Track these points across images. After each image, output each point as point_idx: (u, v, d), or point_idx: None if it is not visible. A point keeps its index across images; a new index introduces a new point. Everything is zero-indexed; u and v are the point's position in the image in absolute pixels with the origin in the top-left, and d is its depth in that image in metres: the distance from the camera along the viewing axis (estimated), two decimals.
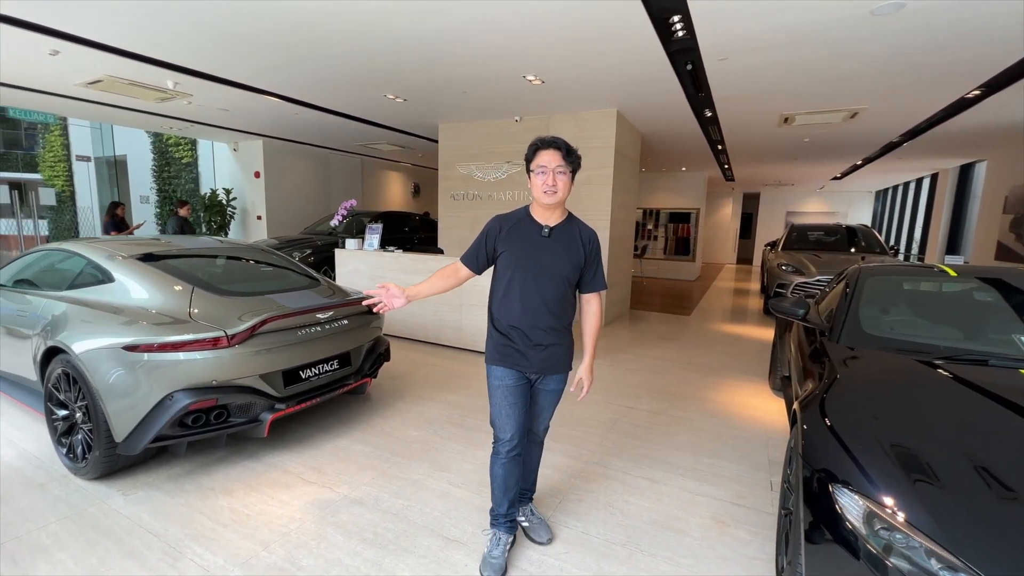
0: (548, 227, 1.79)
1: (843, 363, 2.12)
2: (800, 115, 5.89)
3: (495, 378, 1.85)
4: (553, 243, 1.78)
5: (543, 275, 1.76)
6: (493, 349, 1.86)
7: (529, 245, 1.77)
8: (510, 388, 1.83)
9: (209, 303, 2.62)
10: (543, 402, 1.94)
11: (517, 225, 1.81)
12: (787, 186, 15.15)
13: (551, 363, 1.84)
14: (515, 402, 1.84)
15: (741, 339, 5.90)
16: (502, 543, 1.91)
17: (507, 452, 1.86)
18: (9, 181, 15.58)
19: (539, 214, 1.82)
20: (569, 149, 1.76)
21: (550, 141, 1.75)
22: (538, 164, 1.74)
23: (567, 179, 1.75)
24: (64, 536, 2.02)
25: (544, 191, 1.72)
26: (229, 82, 5.28)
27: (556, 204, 1.76)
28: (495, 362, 1.85)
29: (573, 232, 1.83)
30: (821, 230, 8.60)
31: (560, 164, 1.72)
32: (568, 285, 1.82)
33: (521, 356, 1.81)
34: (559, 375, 1.91)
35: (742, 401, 3.78)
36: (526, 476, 2.08)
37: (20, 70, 5.02)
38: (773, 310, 2.86)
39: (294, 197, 10.08)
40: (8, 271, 3.36)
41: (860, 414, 1.71)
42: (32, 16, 3.67)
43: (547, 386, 1.90)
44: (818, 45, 3.73)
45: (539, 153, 1.75)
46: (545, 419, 2.00)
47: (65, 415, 2.49)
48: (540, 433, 2.04)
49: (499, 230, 1.81)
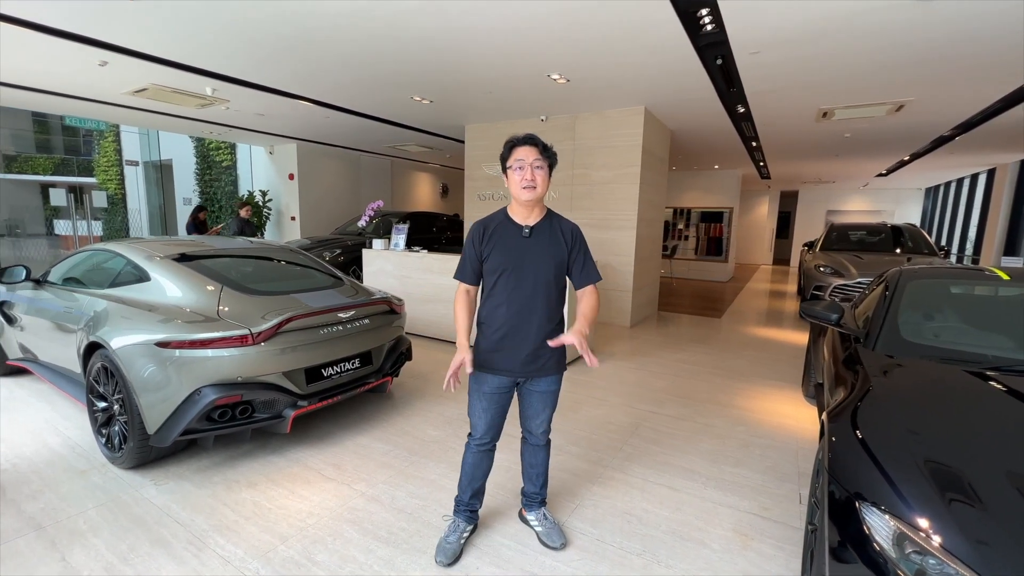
0: (528, 227, 1.77)
1: (878, 372, 1.99)
2: (840, 109, 5.61)
3: (474, 382, 1.86)
4: (535, 242, 1.77)
5: (528, 276, 1.75)
6: (479, 355, 1.83)
7: (511, 247, 1.75)
8: (486, 394, 1.84)
9: (237, 302, 2.70)
10: (536, 404, 1.91)
11: (498, 228, 1.79)
12: (827, 184, 14.49)
13: (541, 365, 1.82)
14: (488, 407, 1.85)
15: (774, 343, 5.67)
16: (459, 530, 1.98)
17: (478, 446, 1.92)
18: (68, 185, 16.68)
19: (518, 213, 1.79)
20: (545, 146, 1.74)
21: (525, 138, 1.73)
22: (515, 159, 1.71)
23: (545, 174, 1.73)
24: (99, 522, 2.12)
25: (523, 186, 1.70)
26: (262, 87, 5.47)
27: (535, 200, 1.74)
28: (479, 368, 1.83)
29: (553, 229, 1.81)
30: (863, 229, 8.18)
31: (537, 158, 1.70)
32: (555, 284, 1.80)
33: (509, 361, 1.79)
34: (550, 376, 1.88)
35: (772, 408, 3.63)
36: (534, 479, 2.06)
37: (73, 80, 5.35)
38: (804, 314, 2.72)
39: (326, 198, 10.35)
40: (59, 270, 3.57)
41: (895, 427, 1.60)
42: (83, 30, 3.90)
43: (537, 387, 1.87)
44: (858, 35, 3.54)
45: (515, 149, 1.73)
46: (541, 420, 1.95)
47: (104, 407, 2.63)
48: (539, 435, 1.99)
49: (482, 235, 1.79)
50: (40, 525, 2.09)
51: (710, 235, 11.97)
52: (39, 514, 2.17)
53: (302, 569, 1.87)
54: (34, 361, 3.48)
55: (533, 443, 2.01)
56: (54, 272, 3.56)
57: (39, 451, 2.73)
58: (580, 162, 6.37)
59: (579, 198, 6.46)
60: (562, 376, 1.93)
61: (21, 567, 1.85)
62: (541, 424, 1.95)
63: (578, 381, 4.05)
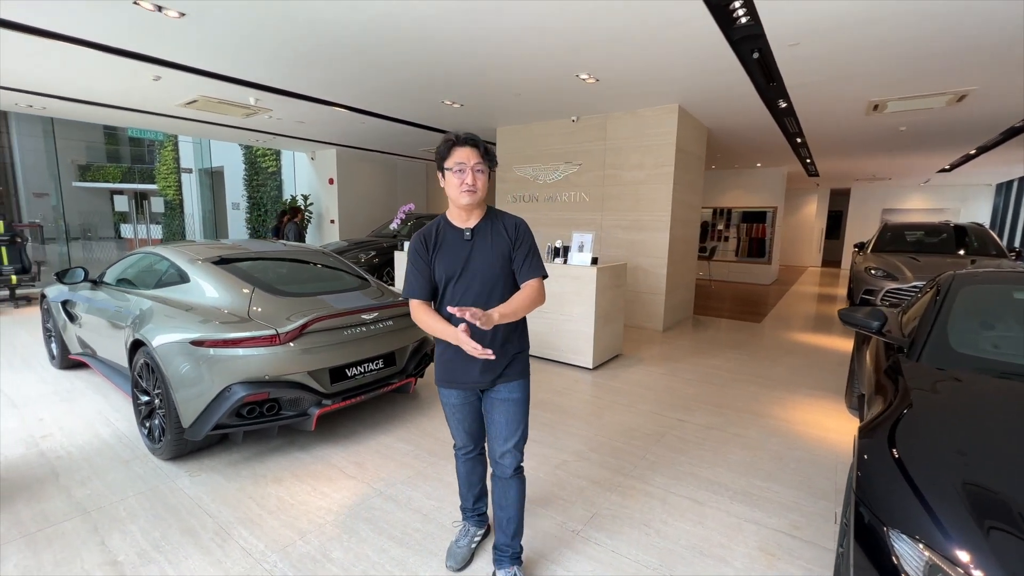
0: (468, 228, 1.69)
1: (922, 385, 1.84)
2: (892, 101, 5.25)
3: (441, 395, 1.82)
4: (478, 243, 1.68)
5: (475, 279, 1.66)
6: (439, 367, 1.78)
7: (454, 253, 1.67)
8: (455, 407, 1.80)
9: (266, 303, 2.81)
10: (498, 417, 1.73)
11: (439, 235, 1.70)
12: (883, 181, 13.60)
13: (500, 370, 1.71)
14: (462, 418, 1.82)
15: (818, 350, 5.36)
16: (469, 534, 1.99)
17: (463, 455, 1.92)
18: (133, 191, 17.98)
19: (457, 217, 1.71)
20: (487, 147, 1.65)
21: (466, 138, 1.62)
22: (455, 161, 1.60)
23: (485, 178, 1.65)
24: (137, 510, 2.26)
25: (463, 190, 1.60)
26: (300, 96, 5.69)
27: (475, 204, 1.65)
28: (439, 382, 1.79)
29: (496, 226, 1.71)
30: (921, 229, 7.61)
31: (478, 162, 1.60)
32: (505, 281, 1.69)
33: (465, 372, 1.70)
34: (511, 383, 1.73)
35: (810, 419, 3.43)
36: (504, 525, 1.80)
37: (130, 94, 5.75)
38: (843, 320, 2.55)
39: (364, 201, 10.66)
40: (113, 271, 3.83)
41: (939, 447, 1.47)
42: (138, 47, 4.18)
43: (498, 394, 1.73)
44: (910, 20, 3.30)
45: (455, 150, 1.61)
46: (505, 441, 1.73)
47: (146, 400, 2.80)
48: (504, 461, 1.75)
49: (425, 246, 1.69)
50: (86, 510, 2.24)
51: (752, 236, 11.48)
52: (86, 499, 2.33)
53: (317, 565, 1.92)
54: (92, 356, 3.75)
55: (499, 474, 1.77)
56: (109, 273, 3.83)
57: (91, 440, 2.93)
58: (611, 162, 6.26)
59: (610, 199, 6.34)
60: (527, 383, 1.78)
61: (66, 548, 1.99)
62: (506, 443, 1.73)
63: (603, 386, 3.97)
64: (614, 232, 6.35)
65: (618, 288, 4.77)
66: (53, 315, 4.17)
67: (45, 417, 3.24)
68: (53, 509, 2.25)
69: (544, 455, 2.83)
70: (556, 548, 2.05)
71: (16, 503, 2.28)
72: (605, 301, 4.50)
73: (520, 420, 1.75)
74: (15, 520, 2.16)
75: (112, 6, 3.36)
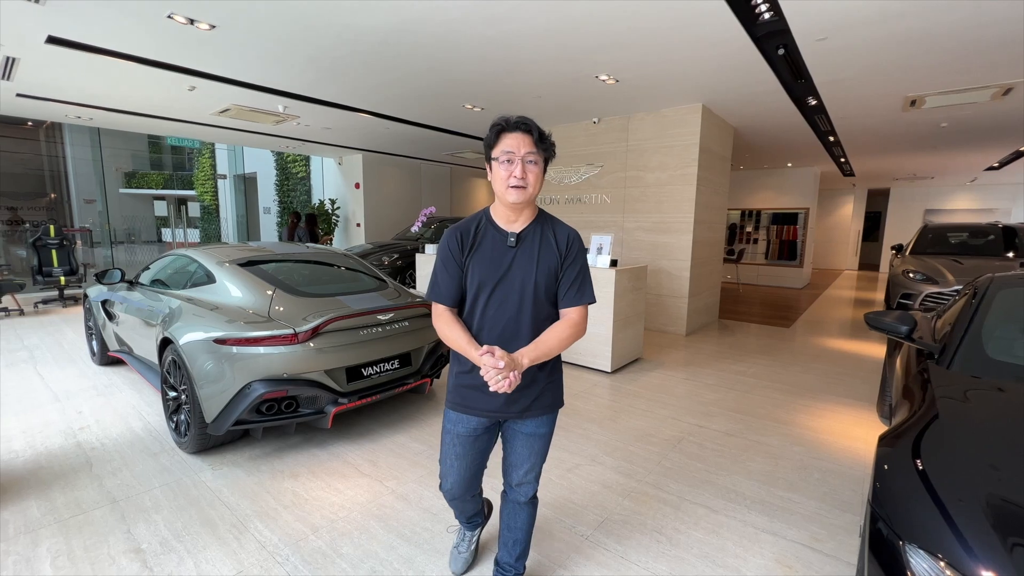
0: (514, 233, 1.44)
1: (952, 394, 1.74)
2: (931, 96, 5.01)
3: (448, 421, 1.56)
4: (522, 252, 1.43)
5: (513, 293, 1.42)
6: (453, 389, 1.53)
7: (493, 258, 1.43)
8: (461, 437, 1.53)
9: (287, 303, 2.90)
10: (521, 450, 1.55)
11: (478, 235, 1.45)
12: (924, 180, 12.96)
13: (528, 403, 1.48)
14: (463, 453, 1.55)
15: (850, 357, 5.14)
16: (467, 538, 1.91)
17: (450, 499, 1.68)
18: (173, 197, 18.84)
19: (503, 217, 1.45)
20: (542, 134, 1.39)
21: (517, 122, 1.37)
22: (503, 150, 1.36)
23: (539, 171, 1.39)
24: (162, 500, 2.35)
25: (511, 184, 1.35)
26: (326, 103, 5.84)
27: (525, 202, 1.40)
28: (452, 406, 1.53)
29: (546, 234, 1.46)
30: (965, 231, 7.20)
31: (531, 151, 1.36)
32: (547, 301, 1.46)
33: (485, 398, 1.46)
34: (543, 416, 1.53)
35: (838, 429, 3.28)
36: (510, 546, 1.69)
37: (169, 104, 6.03)
38: (869, 323, 2.44)
39: (389, 205, 10.85)
40: (148, 272, 4.02)
41: (965, 461, 1.38)
42: (174, 59, 4.39)
43: (523, 428, 1.53)
44: (947, 10, 3.14)
45: (503, 136, 1.37)
46: (526, 472, 1.58)
47: (174, 396, 2.92)
48: (521, 489, 1.61)
49: (460, 243, 1.44)
50: (115, 499, 2.35)
51: (782, 238, 11.13)
52: (115, 489, 2.44)
53: (327, 560, 1.95)
54: (128, 353, 3.94)
55: (513, 499, 1.65)
56: (144, 274, 4.02)
57: (124, 433, 3.08)
58: (634, 164, 6.18)
59: (632, 201, 6.26)
60: (556, 416, 1.58)
61: (94, 535, 2.09)
62: (526, 475, 1.59)
63: (621, 390, 3.92)
64: (636, 234, 6.27)
65: (638, 291, 4.70)
66: (94, 314, 4.40)
67: (84, 410, 3.42)
68: (85, 497, 2.36)
69: (558, 458, 2.81)
70: (564, 552, 2.03)
71: (52, 490, 2.42)
72: (624, 304, 4.44)
73: (544, 453, 1.59)
74: (50, 506, 2.28)
75: (148, 21, 3.53)
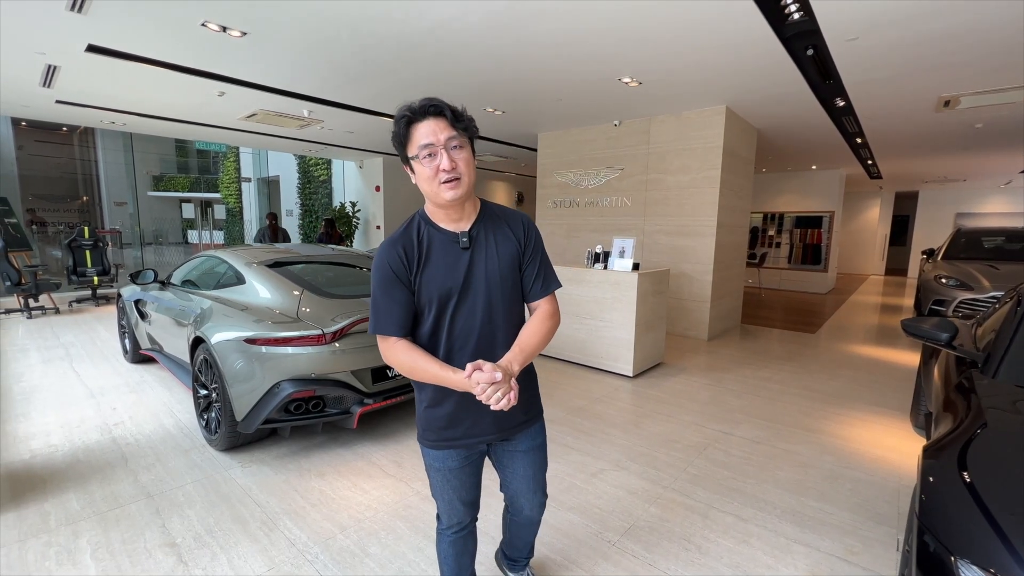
0: (465, 232, 1.26)
1: (999, 404, 1.68)
2: (966, 96, 4.86)
3: (433, 459, 1.37)
4: (478, 252, 1.26)
5: (479, 299, 1.26)
6: (426, 427, 1.34)
7: (449, 266, 1.24)
8: (454, 472, 1.36)
9: (314, 304, 2.94)
10: (522, 470, 1.43)
11: (422, 244, 1.25)
12: (956, 183, 12.56)
13: (515, 416, 1.34)
14: (461, 485, 1.39)
15: (879, 364, 5.00)
16: None
17: (454, 533, 1.48)
18: (199, 200, 19.33)
19: (443, 218, 1.26)
20: (456, 112, 1.19)
21: (425, 106, 1.17)
22: (419, 144, 1.16)
23: (467, 155, 1.19)
24: (194, 496, 2.41)
25: (443, 181, 1.16)
26: (350, 107, 5.94)
27: (464, 196, 1.21)
28: (432, 444, 1.34)
29: (499, 226, 1.31)
30: (1001, 235, 6.97)
31: (452, 135, 1.16)
32: (516, 299, 1.33)
33: (473, 425, 1.31)
34: (533, 427, 1.42)
35: (870, 438, 3.20)
36: (519, 546, 1.69)
37: (198, 109, 6.20)
38: (907, 331, 2.37)
39: (408, 208, 10.94)
40: (179, 273, 4.13)
41: (1015, 474, 1.33)
42: (205, 66, 4.51)
43: (518, 445, 1.40)
44: (986, 8, 3.05)
45: (414, 127, 1.17)
46: (534, 489, 1.47)
47: (205, 394, 2.98)
48: (536, 512, 1.53)
49: (403, 261, 1.23)
50: (150, 494, 2.42)
51: (806, 242, 10.91)
52: (150, 484, 2.50)
53: (356, 559, 1.97)
54: (160, 352, 4.05)
55: (528, 517, 1.54)
56: (176, 275, 4.13)
57: (156, 430, 3.16)
58: (655, 167, 6.13)
59: (653, 204, 6.21)
60: (543, 423, 1.48)
61: (131, 528, 2.14)
62: (536, 492, 1.48)
63: (643, 395, 3.88)
64: (657, 237, 6.21)
65: (660, 295, 4.65)
66: (127, 313, 4.53)
67: (118, 406, 3.52)
68: (122, 491, 2.43)
69: (581, 463, 2.79)
70: (591, 557, 2.01)
71: (90, 484, 2.49)
72: (646, 308, 4.40)
73: (546, 462, 1.50)
74: (89, 499, 2.35)
75: (183, 29, 3.64)
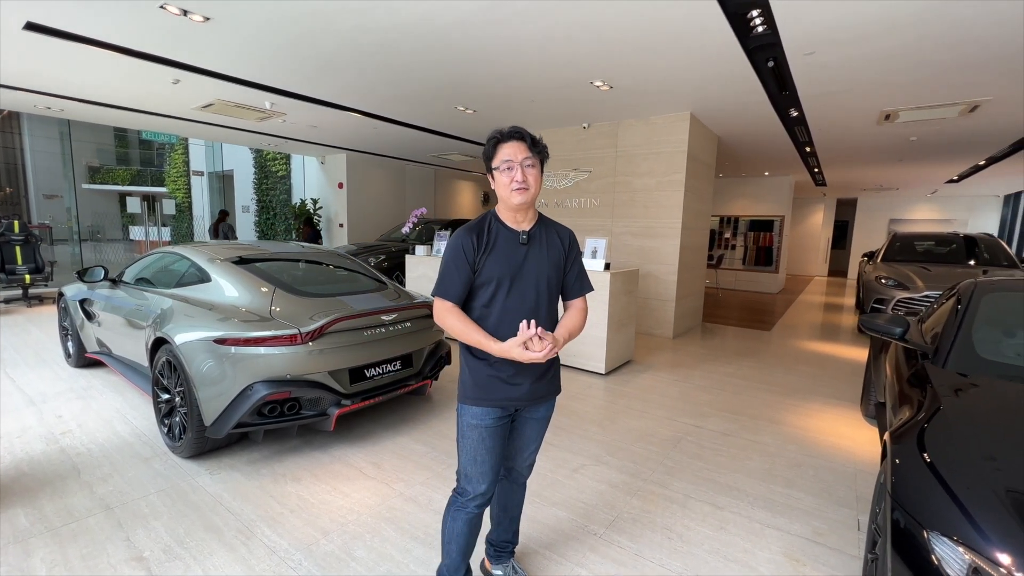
0: (525, 232, 1.57)
1: (949, 391, 1.84)
2: (904, 111, 5.28)
3: (471, 417, 1.57)
4: (533, 249, 1.57)
5: (529, 288, 1.55)
6: (472, 385, 1.57)
7: (510, 256, 1.54)
8: (490, 429, 1.56)
9: (287, 303, 2.83)
10: (530, 433, 1.70)
11: (491, 234, 1.55)
12: (890, 191, 13.61)
13: (544, 387, 1.63)
14: (493, 446, 1.58)
15: (830, 359, 5.35)
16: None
17: (477, 505, 1.61)
18: (142, 194, 18.12)
19: (509, 218, 1.58)
20: (534, 139, 1.53)
21: (511, 132, 1.51)
22: (502, 159, 1.50)
23: (537, 172, 1.52)
24: (159, 506, 2.26)
25: (514, 188, 1.48)
26: (316, 100, 5.74)
27: (528, 203, 1.53)
28: (474, 401, 1.56)
29: (550, 233, 1.62)
30: (931, 239, 7.61)
31: (528, 156, 1.49)
32: (555, 294, 1.63)
33: (509, 387, 1.55)
34: (550, 400, 1.70)
35: (827, 427, 3.41)
36: (506, 524, 1.84)
37: (149, 97, 5.82)
38: (864, 327, 2.56)
39: (372, 206, 10.72)
40: (132, 270, 3.87)
41: (969, 451, 1.47)
42: (161, 51, 4.24)
43: (535, 414, 1.67)
44: (928, 31, 3.33)
45: (500, 147, 1.51)
46: (531, 453, 1.76)
47: (167, 399, 2.81)
48: (525, 471, 1.80)
49: (474, 244, 1.52)
50: (109, 506, 2.25)
51: (759, 244, 11.49)
52: (108, 496, 2.34)
53: (341, 564, 1.92)
54: (108, 354, 3.77)
55: (516, 481, 1.80)
56: (128, 272, 3.86)
57: (110, 438, 2.95)
58: (622, 170, 6.29)
59: (621, 206, 6.37)
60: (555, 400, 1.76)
61: (91, 543, 1.99)
62: (530, 456, 1.76)
63: (616, 391, 3.97)
64: (624, 238, 6.37)
65: (630, 294, 4.78)
66: (70, 313, 4.20)
67: (64, 414, 3.26)
68: (76, 504, 2.26)
69: (562, 459, 2.83)
70: (579, 551, 2.04)
71: (39, 498, 2.30)
72: (618, 307, 4.51)
73: (544, 432, 1.75)
74: (39, 515, 2.17)
75: (138, 11, 3.41)
